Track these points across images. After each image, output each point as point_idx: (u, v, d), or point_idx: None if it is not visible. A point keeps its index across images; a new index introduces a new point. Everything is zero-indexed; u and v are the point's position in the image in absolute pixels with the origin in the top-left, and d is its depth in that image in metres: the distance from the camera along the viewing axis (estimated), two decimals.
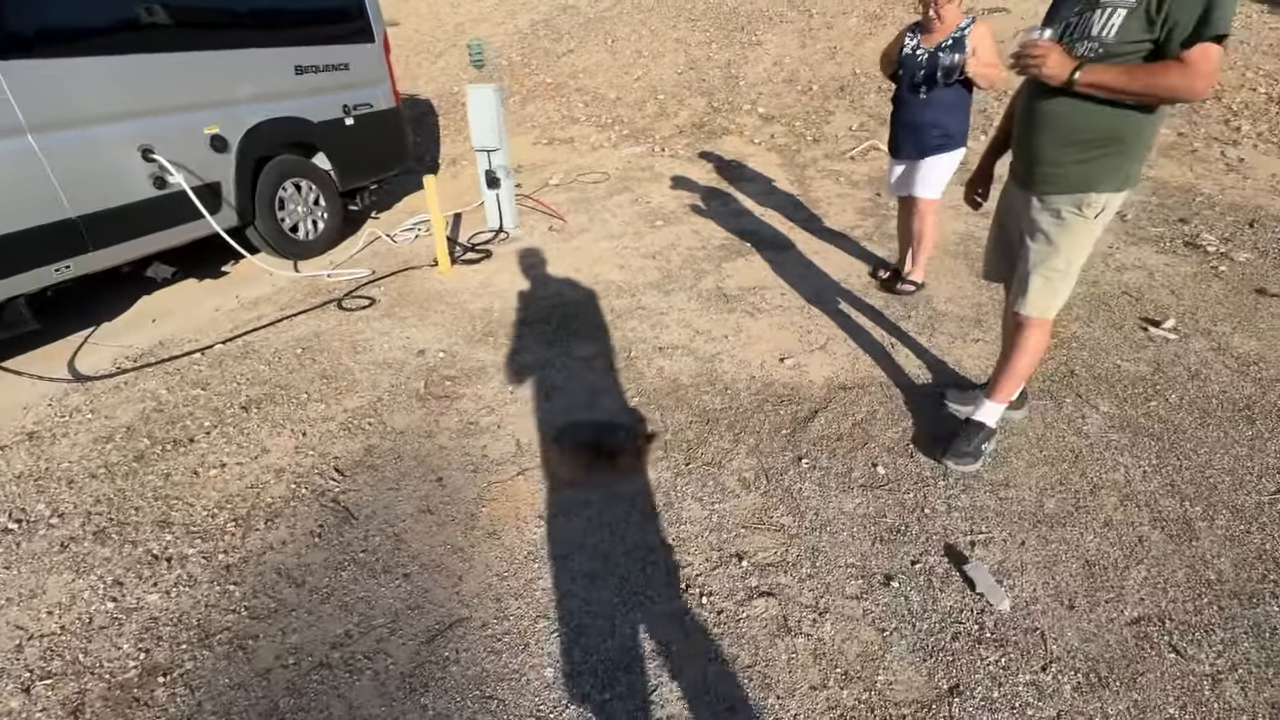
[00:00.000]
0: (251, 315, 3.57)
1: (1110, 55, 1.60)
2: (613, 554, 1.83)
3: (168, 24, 3.42)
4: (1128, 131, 1.66)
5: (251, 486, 2.17)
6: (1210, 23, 1.46)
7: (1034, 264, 1.89)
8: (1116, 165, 1.71)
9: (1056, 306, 1.93)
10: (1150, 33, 1.54)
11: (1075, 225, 1.80)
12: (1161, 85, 1.54)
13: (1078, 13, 1.68)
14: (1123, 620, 1.56)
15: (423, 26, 11.36)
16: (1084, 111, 1.67)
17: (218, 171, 3.75)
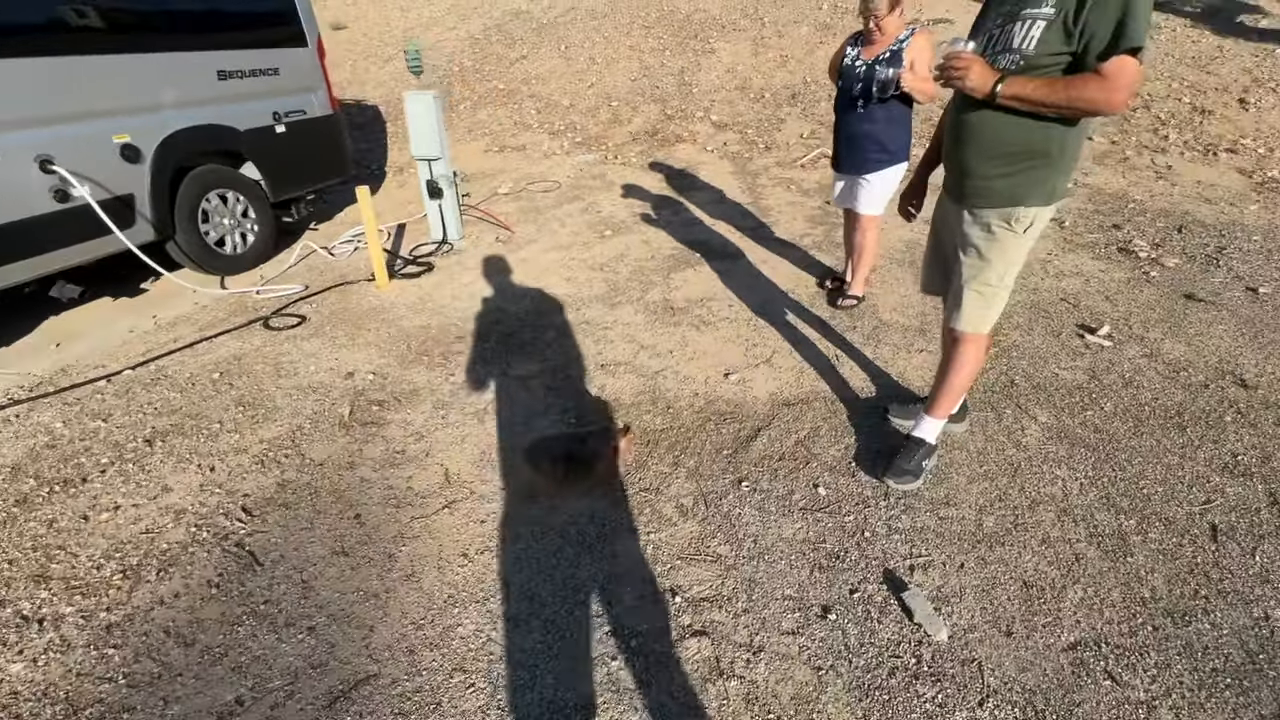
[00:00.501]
0: (169, 337, 3.34)
1: (1031, 67, 1.58)
2: (539, 594, 1.72)
3: (70, 25, 3.18)
4: (1051, 145, 1.64)
5: (146, 531, 1.98)
6: (1125, 35, 1.45)
7: (967, 279, 1.86)
8: (1042, 178, 1.69)
9: (991, 321, 1.90)
10: (1069, 45, 1.52)
11: (1005, 239, 1.77)
12: (1081, 97, 1.52)
13: (999, 25, 1.66)
14: (1060, 646, 1.52)
15: (371, 30, 11.05)
16: (1008, 124, 1.64)
17: (130, 183, 3.50)
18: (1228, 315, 3.15)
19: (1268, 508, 1.92)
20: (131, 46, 3.46)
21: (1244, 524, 1.86)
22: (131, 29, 3.49)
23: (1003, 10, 1.67)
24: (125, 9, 3.45)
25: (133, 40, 3.48)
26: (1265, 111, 6.29)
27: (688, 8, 10.20)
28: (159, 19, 3.63)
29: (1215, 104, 6.49)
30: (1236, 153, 5.78)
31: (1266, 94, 6.50)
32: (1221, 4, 8.60)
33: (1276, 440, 2.23)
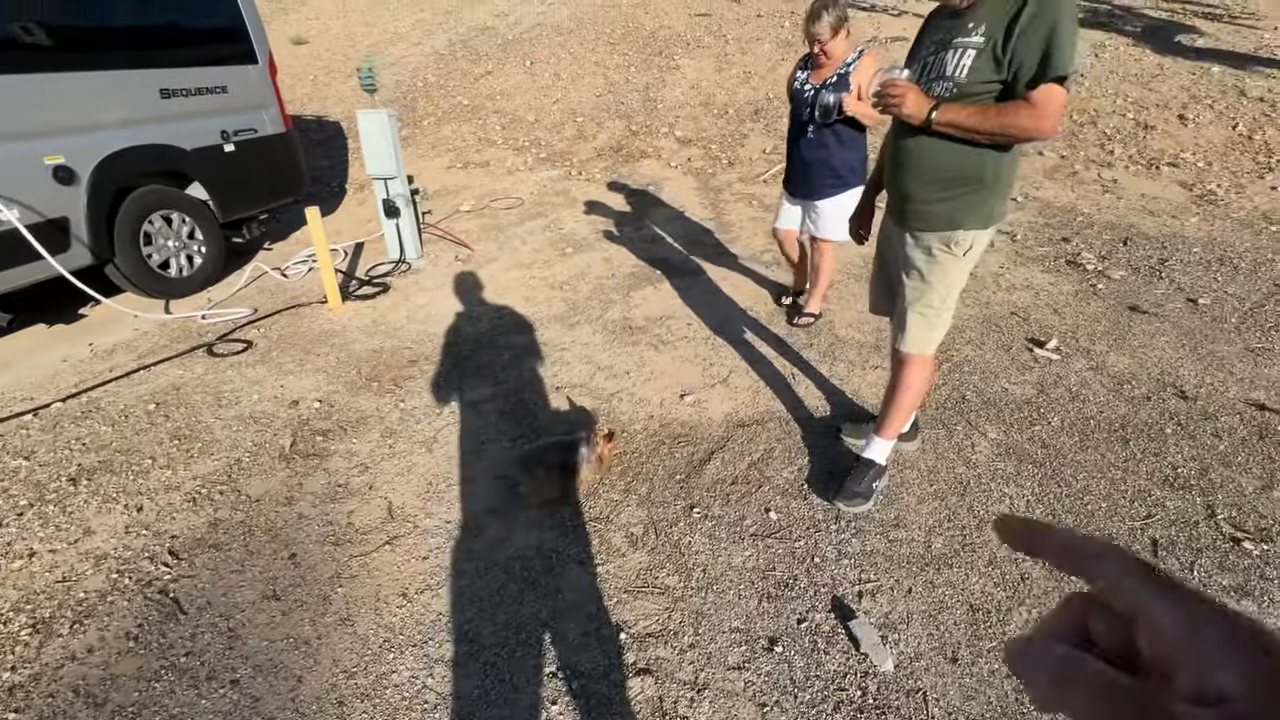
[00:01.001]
0: (105, 366, 3.19)
1: (964, 95, 1.60)
2: (480, 635, 1.65)
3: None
4: (985, 170, 1.67)
5: (62, 580, 1.86)
6: (1051, 64, 1.47)
7: (910, 301, 1.87)
8: (978, 202, 1.71)
9: (935, 342, 1.91)
10: (999, 73, 1.55)
11: (945, 262, 1.79)
12: (1012, 124, 1.54)
13: (933, 53, 1.68)
14: (1004, 672, 1.51)
15: (334, 45, 10.92)
16: (944, 150, 1.66)
17: (63, 206, 3.35)
18: (1169, 327, 3.23)
19: (1205, 520, 1.96)
20: (65, 64, 3.34)
21: (1183, 538, 1.89)
22: (65, 46, 3.37)
23: (936, 39, 1.69)
24: (57, 25, 3.32)
25: (66, 58, 3.35)
26: (1203, 126, 6.56)
27: (652, 25, 10.31)
28: (95, 35, 3.52)
29: (1157, 119, 6.75)
30: (1178, 166, 6.01)
31: (1204, 110, 6.79)
32: (1161, 24, 9.00)
33: (1213, 452, 2.28)
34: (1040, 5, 1.46)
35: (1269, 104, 6.74)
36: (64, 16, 3.36)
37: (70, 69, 3.36)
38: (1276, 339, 3.08)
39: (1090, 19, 9.34)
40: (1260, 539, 1.87)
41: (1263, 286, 3.68)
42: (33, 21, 3.20)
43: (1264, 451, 2.27)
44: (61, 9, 3.35)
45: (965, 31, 1.58)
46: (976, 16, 1.56)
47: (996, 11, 1.52)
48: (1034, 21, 1.46)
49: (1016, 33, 1.48)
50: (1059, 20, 1.45)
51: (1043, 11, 1.45)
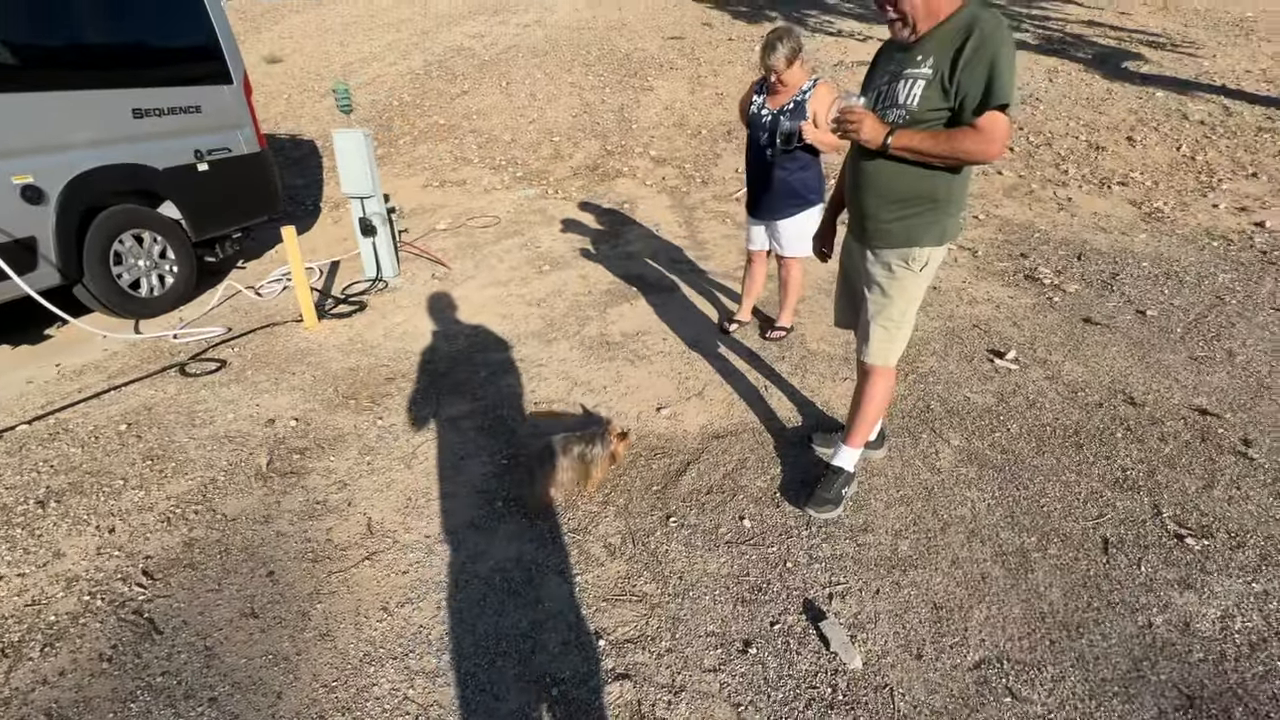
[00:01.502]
0: (73, 387, 3.14)
1: (916, 121, 1.71)
2: (461, 646, 1.68)
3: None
4: (938, 190, 1.78)
5: (33, 603, 1.83)
6: (994, 93, 1.59)
7: (873, 314, 1.97)
8: (933, 221, 1.82)
9: (896, 353, 2.01)
10: (947, 101, 1.67)
11: (904, 278, 1.89)
12: (960, 148, 1.66)
13: (887, 83, 1.80)
14: (965, 666, 1.58)
15: (308, 65, 10.91)
16: (900, 172, 1.77)
17: (31, 225, 3.32)
18: (1120, 337, 3.41)
19: (1152, 519, 2.07)
20: (34, 84, 3.32)
21: (1131, 536, 2.00)
22: (35, 65, 3.35)
23: (889, 69, 1.81)
24: (26, 45, 3.31)
25: (36, 77, 3.34)
26: (1150, 148, 6.92)
27: (627, 47, 10.52)
28: (66, 55, 3.50)
29: (1107, 141, 7.10)
30: (1127, 185, 6.32)
31: (1150, 132, 7.16)
32: (1109, 52, 9.49)
33: (1160, 454, 2.41)
34: (981, 40, 1.58)
35: (1209, 127, 7.15)
36: (34, 36, 3.35)
37: (40, 88, 3.34)
38: (1218, 347, 3.26)
39: (1044, 46, 9.81)
40: (1201, 535, 1.99)
41: (1205, 298, 3.89)
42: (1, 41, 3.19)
43: (1205, 453, 2.41)
44: (31, 29, 3.33)
45: (915, 63, 1.70)
46: (924, 49, 1.68)
47: (943, 45, 1.64)
48: (976, 55, 1.58)
49: (961, 65, 1.60)
50: (999, 54, 1.57)
51: (984, 46, 1.57)
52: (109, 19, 3.72)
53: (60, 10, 3.44)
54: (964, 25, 1.61)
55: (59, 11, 3.44)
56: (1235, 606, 1.74)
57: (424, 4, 14.21)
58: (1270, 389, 2.85)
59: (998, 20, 1.61)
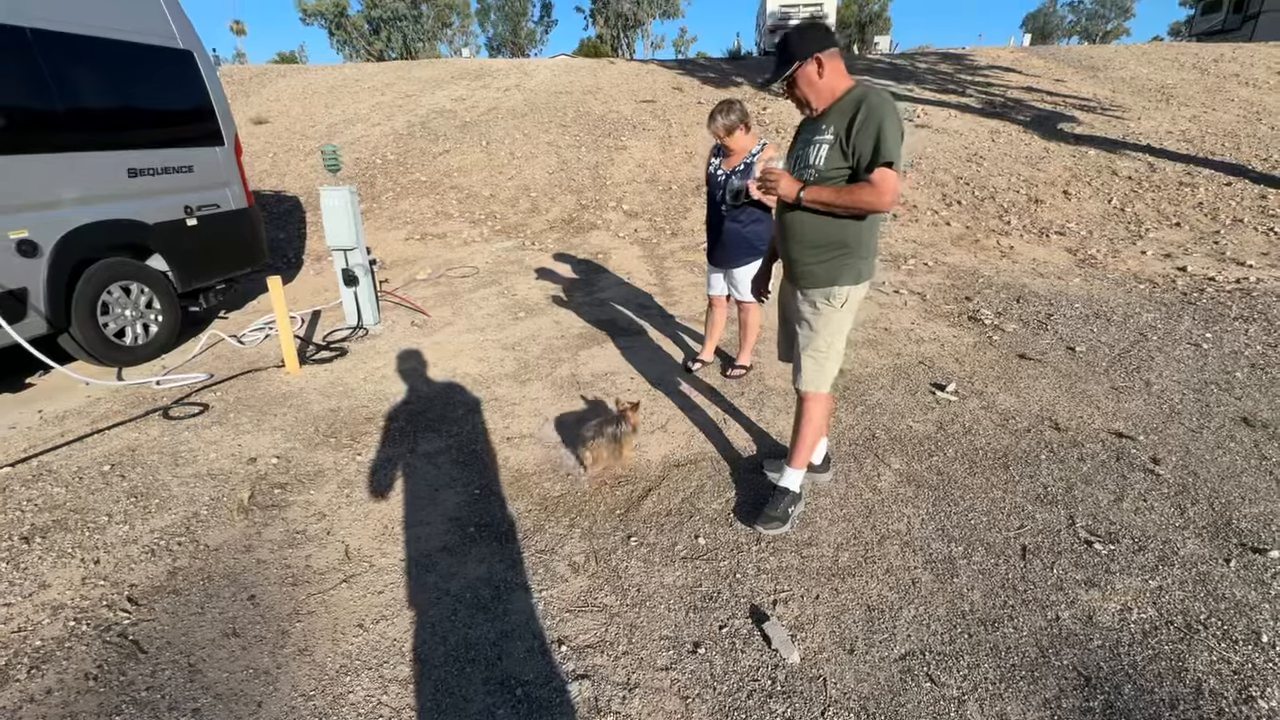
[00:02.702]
0: (55, 431, 3.23)
1: (824, 178, 2.03)
2: (432, 656, 1.80)
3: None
4: (849, 237, 2.07)
5: (19, 630, 1.91)
6: (881, 152, 1.91)
7: (803, 346, 2.22)
8: (848, 263, 2.10)
9: (827, 380, 2.24)
10: (846, 161, 1.99)
11: (827, 314, 2.16)
12: (859, 199, 1.96)
13: (802, 148, 2.13)
14: (892, 658, 1.75)
15: (294, 125, 11.34)
16: (816, 222, 2.07)
17: (24, 277, 3.48)
18: (1051, 371, 3.70)
19: (1066, 529, 2.29)
20: (35, 146, 3.53)
21: (1047, 544, 2.21)
22: (36, 128, 3.57)
23: (804, 137, 2.15)
24: (28, 109, 3.54)
25: (37, 140, 3.55)
26: (1084, 200, 7.51)
27: (602, 109, 11.17)
28: (68, 119, 3.73)
29: (1045, 195, 7.70)
30: (1064, 234, 6.84)
31: (1084, 186, 7.78)
32: (1045, 114, 10.33)
33: (1078, 472, 2.65)
34: (869, 112, 1.91)
35: (1136, 181, 7.80)
36: (37, 101, 3.58)
37: (41, 150, 3.56)
38: (1137, 378, 3.57)
39: (987, 110, 10.64)
40: (1108, 541, 2.21)
41: (1130, 335, 4.24)
42: (5, 106, 3.41)
43: (1119, 471, 2.66)
44: (34, 94, 3.57)
45: (820, 131, 2.04)
46: (828, 120, 2.02)
47: (840, 117, 1.98)
48: (866, 123, 1.91)
49: (854, 131, 1.93)
50: (884, 122, 1.89)
51: (871, 116, 1.90)
52: (112, 86, 3.99)
53: (65, 77, 3.70)
54: (855, 100, 1.96)
55: (64, 79, 3.69)
56: (1133, 601, 1.94)
57: (408, 69, 14.93)
58: (1180, 413, 3.14)
59: (881, 96, 1.95)
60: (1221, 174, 7.69)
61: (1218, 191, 7.28)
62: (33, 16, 3.50)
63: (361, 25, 31.75)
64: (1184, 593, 1.97)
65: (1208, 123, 9.40)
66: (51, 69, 3.61)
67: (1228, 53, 13.30)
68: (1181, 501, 2.43)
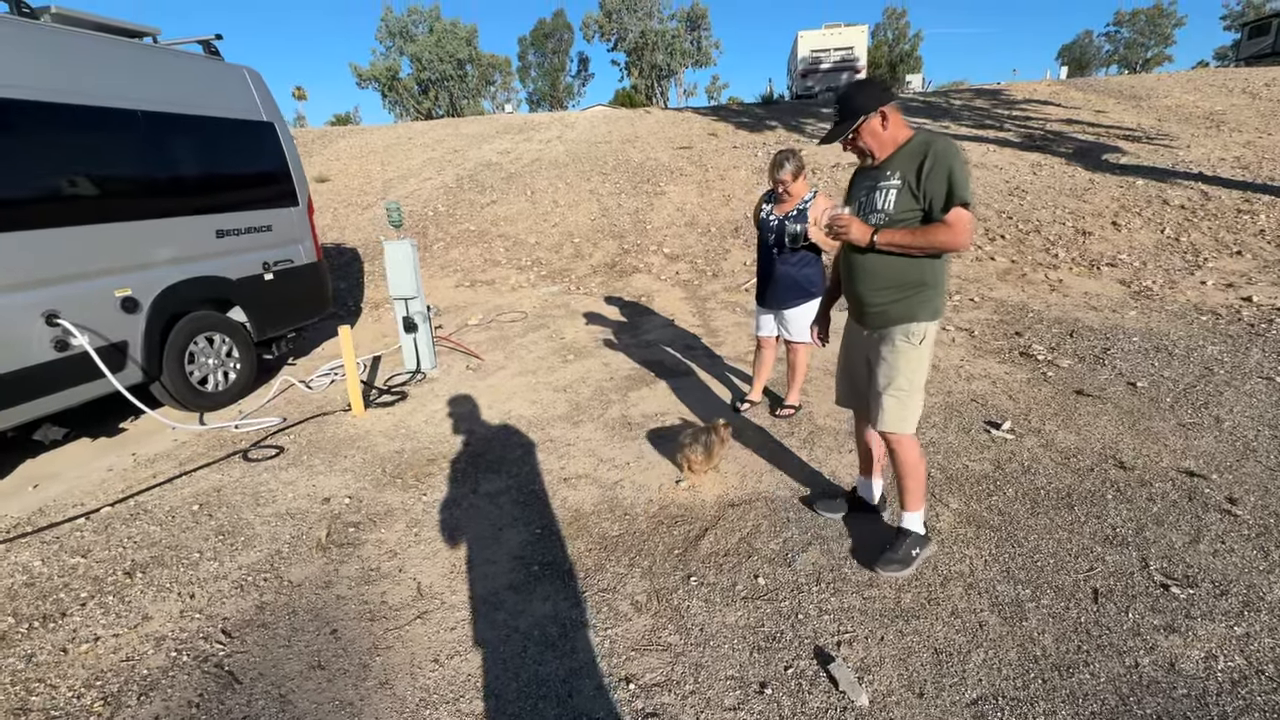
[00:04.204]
0: (148, 473, 3.49)
1: (895, 221, 2.10)
2: (506, 692, 1.86)
3: (86, 196, 3.63)
4: (925, 274, 2.13)
5: (127, 659, 2.07)
6: (954, 193, 1.99)
7: (883, 387, 2.22)
8: (926, 299, 2.15)
9: (910, 420, 2.22)
10: (918, 204, 2.07)
11: (907, 351, 2.18)
12: (935, 240, 2.04)
13: (865, 194, 2.19)
14: (964, 702, 1.73)
15: (352, 182, 12.10)
16: (890, 263, 2.13)
17: (126, 331, 3.81)
18: (1111, 407, 3.62)
19: (1139, 571, 2.22)
20: (141, 213, 3.91)
21: (1120, 586, 2.15)
22: (143, 197, 3.96)
23: (865, 185, 2.22)
24: (138, 179, 3.94)
25: (142, 207, 3.94)
26: (1135, 231, 7.35)
27: (640, 157, 11.57)
28: (170, 187, 4.13)
29: (1093, 226, 7.57)
30: (1116, 266, 6.69)
31: (1133, 217, 7.63)
32: (1089, 146, 10.22)
33: (1148, 513, 2.57)
34: (936, 157, 2.00)
35: (1190, 210, 7.60)
36: (143, 173, 3.98)
37: (145, 217, 3.94)
38: (1205, 415, 3.45)
39: (1026, 144, 10.60)
40: (1186, 584, 2.14)
41: (1194, 369, 4.11)
42: (115, 177, 3.81)
43: (1192, 511, 2.57)
44: (142, 168, 3.98)
45: (885, 178, 2.12)
46: (892, 166, 2.11)
47: (907, 162, 2.07)
48: (935, 168, 2.00)
49: (924, 176, 2.02)
50: (952, 165, 1.98)
51: (939, 162, 1.99)
52: (205, 157, 4.41)
53: (166, 152, 4.11)
54: (921, 146, 2.05)
55: (165, 153, 4.11)
56: (1218, 648, 1.87)
57: (455, 126, 15.82)
58: (1255, 451, 3.02)
59: (947, 141, 2.04)
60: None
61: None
62: (143, 100, 3.93)
63: (411, 86, 33.86)
64: (1275, 640, 1.89)
65: (1263, 148, 9.15)
66: (155, 145, 4.03)
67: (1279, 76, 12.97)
68: (1264, 544, 2.34)
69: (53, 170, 3.48)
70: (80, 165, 3.61)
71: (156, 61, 4.12)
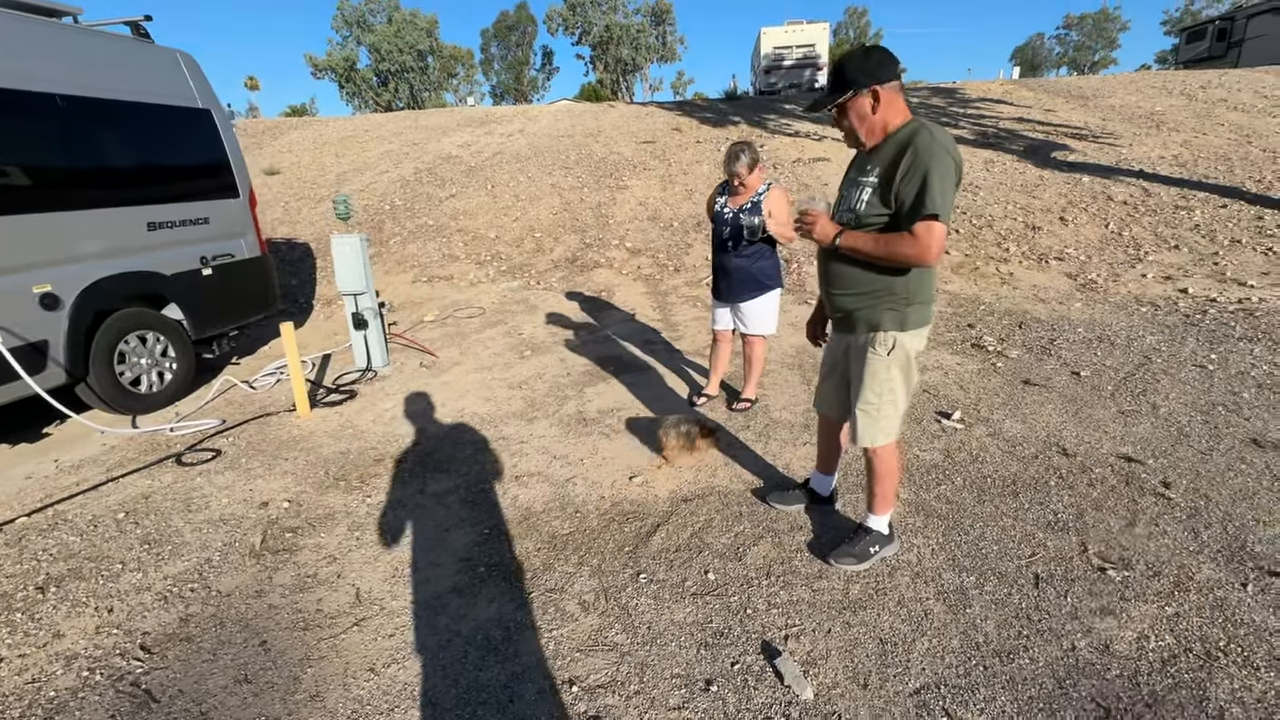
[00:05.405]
0: (71, 480, 3.28)
1: (861, 224, 1.93)
2: (443, 700, 1.79)
3: (1, 185, 3.39)
4: (895, 284, 1.94)
5: (32, 681, 1.92)
6: (924, 204, 1.76)
7: (854, 399, 2.14)
8: (890, 307, 1.97)
9: (884, 433, 2.10)
10: (887, 208, 1.87)
11: (873, 361, 2.03)
12: (898, 252, 1.85)
13: (847, 188, 2.06)
14: (907, 692, 1.73)
15: (305, 175, 11.69)
16: (856, 267, 1.99)
17: (46, 329, 3.58)
18: (1056, 396, 3.71)
19: (1079, 555, 2.27)
20: (59, 204, 3.67)
21: (1060, 571, 2.19)
22: (66, 186, 3.72)
23: (850, 176, 2.07)
24: (56, 169, 3.70)
25: (65, 197, 3.70)
26: (1081, 226, 7.59)
27: (603, 151, 11.46)
28: (93, 177, 3.89)
29: (1042, 221, 7.79)
30: (1063, 260, 6.90)
31: (1080, 212, 7.88)
32: (1039, 143, 10.54)
33: (1088, 498, 2.63)
34: (915, 157, 1.77)
35: (1132, 206, 7.89)
36: (65, 162, 3.75)
37: (64, 208, 3.70)
38: (1144, 402, 3.56)
39: (980, 140, 10.86)
40: (1122, 567, 2.19)
41: (1134, 358, 4.25)
42: (31, 166, 3.56)
43: (1129, 496, 2.64)
44: (63, 156, 3.74)
45: (866, 172, 1.93)
46: (874, 159, 1.90)
47: (886, 158, 1.85)
48: (912, 168, 1.77)
49: (898, 177, 1.80)
50: (930, 169, 1.75)
51: (917, 162, 1.76)
52: (134, 145, 4.17)
53: (90, 139, 3.87)
54: (904, 140, 1.83)
55: (89, 140, 3.87)
56: (1150, 629, 1.91)
57: (415, 118, 15.44)
58: (1189, 436, 3.13)
59: (934, 137, 1.78)
60: (1216, 196, 7.78)
61: (1214, 213, 7.35)
62: (62, 83, 3.68)
63: (370, 78, 32.97)
64: (1202, 619, 1.94)
65: (1199, 147, 9.56)
66: (78, 131, 3.78)
67: (1214, 79, 13.60)
68: (1195, 525, 2.41)
69: None
70: None
71: (77, 43, 3.87)
